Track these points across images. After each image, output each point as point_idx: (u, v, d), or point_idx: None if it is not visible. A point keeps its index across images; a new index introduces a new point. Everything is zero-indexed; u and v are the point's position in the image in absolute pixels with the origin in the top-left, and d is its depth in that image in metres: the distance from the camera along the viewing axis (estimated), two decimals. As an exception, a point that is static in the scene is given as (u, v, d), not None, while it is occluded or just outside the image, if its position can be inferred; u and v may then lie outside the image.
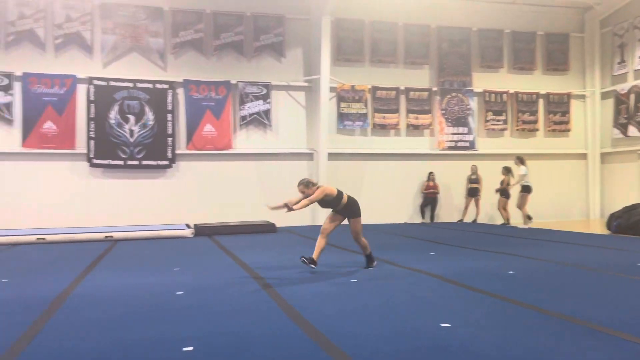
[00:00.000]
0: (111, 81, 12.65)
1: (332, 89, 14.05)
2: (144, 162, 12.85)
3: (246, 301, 4.94)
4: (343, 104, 14.32)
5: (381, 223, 13.66)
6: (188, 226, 11.89)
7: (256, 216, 12.74)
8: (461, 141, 15.13)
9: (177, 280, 6.13)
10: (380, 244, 8.81)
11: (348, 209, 6.63)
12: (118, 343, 3.66)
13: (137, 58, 13.01)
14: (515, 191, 13.15)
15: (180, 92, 13.24)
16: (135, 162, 12.78)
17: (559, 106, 15.82)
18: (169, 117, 13.06)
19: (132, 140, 12.76)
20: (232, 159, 13.63)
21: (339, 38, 14.29)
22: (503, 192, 13.54)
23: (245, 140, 13.75)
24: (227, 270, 6.88)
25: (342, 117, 14.33)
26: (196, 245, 9.90)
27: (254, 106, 13.69)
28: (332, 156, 13.88)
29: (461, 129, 15.13)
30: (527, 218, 12.64)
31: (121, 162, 12.69)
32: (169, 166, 13.07)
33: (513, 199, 13.26)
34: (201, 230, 11.67)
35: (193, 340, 3.67)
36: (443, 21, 15.01)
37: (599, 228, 12.37)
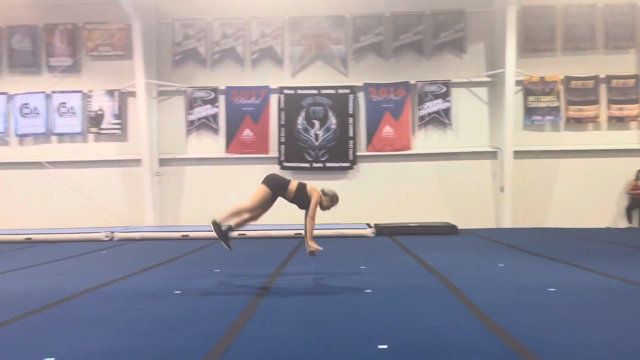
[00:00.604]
0: (298, 89, 13.59)
1: (518, 83, 13.17)
2: (328, 164, 13.54)
3: (434, 303, 4.87)
4: (531, 98, 13.32)
5: (578, 227, 12.39)
6: (369, 226, 12.18)
7: (436, 217, 12.53)
8: (679, 133, 12.98)
9: (365, 278, 6.31)
10: (578, 250, 7.98)
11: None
12: (319, 336, 3.88)
13: (321, 66, 13.76)
14: None
15: (360, 96, 13.66)
16: (320, 164, 13.54)
17: None
18: (350, 121, 13.56)
19: (317, 143, 13.53)
20: (411, 160, 13.61)
21: (526, 27, 13.34)
22: None
23: (424, 140, 13.63)
24: (412, 270, 6.88)
25: (530, 112, 13.34)
26: (378, 244, 10.09)
27: (433, 105, 13.49)
28: (518, 154, 13.00)
29: (679, 120, 12.98)
30: None
31: (308, 165, 13.56)
32: (350, 167, 13.56)
33: None
34: (382, 230, 11.87)
35: (386, 338, 3.73)
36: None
37: None
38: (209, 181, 13.75)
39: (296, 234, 11.59)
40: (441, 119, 13.51)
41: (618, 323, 4.13)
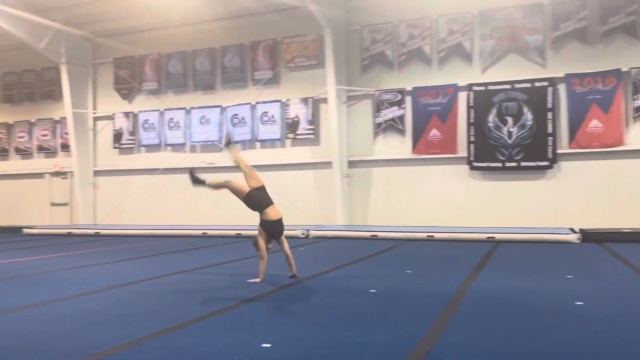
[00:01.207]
0: (489, 85, 12.92)
1: None
2: (523, 164, 12.61)
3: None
4: None
5: None
6: (573, 231, 11.04)
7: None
8: None
9: (573, 288, 5.70)
10: None
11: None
12: (522, 345, 3.61)
13: (515, 59, 12.88)
14: None
15: (561, 88, 12.45)
16: (513, 164, 12.68)
17: None
18: (549, 116, 12.43)
19: (511, 141, 12.70)
20: (625, 157, 11.96)
21: None
22: None
23: (641, 134, 11.88)
24: (630, 281, 6.02)
25: None
26: (585, 252, 9.06)
27: (652, 94, 11.67)
28: None
29: None
30: None
31: (499, 164, 12.80)
32: (550, 167, 12.43)
33: None
34: (589, 235, 10.65)
35: (607, 353, 3.31)
36: None
37: None
38: (396, 182, 13.87)
39: (488, 238, 11.04)
40: (663, 110, 11.62)
41: None
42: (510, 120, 12.74)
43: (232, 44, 15.49)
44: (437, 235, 11.51)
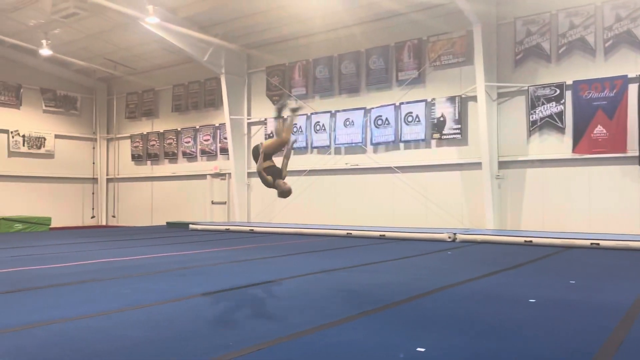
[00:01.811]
0: (668, 74, 11.31)
1: None
2: None
3: None
4: None
5: None
6: None
7: None
8: None
9: None
10: None
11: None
12: None
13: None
14: None
15: None
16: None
17: None
18: None
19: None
20: None
21: None
22: None
23: None
24: None
25: None
26: None
27: None
28: None
29: None
30: None
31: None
32: None
33: None
34: None
35: None
36: None
37: None
38: (553, 184, 12.79)
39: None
40: None
41: None
42: (696, 113, 11.02)
43: (377, 46, 15.57)
44: (604, 243, 10.35)
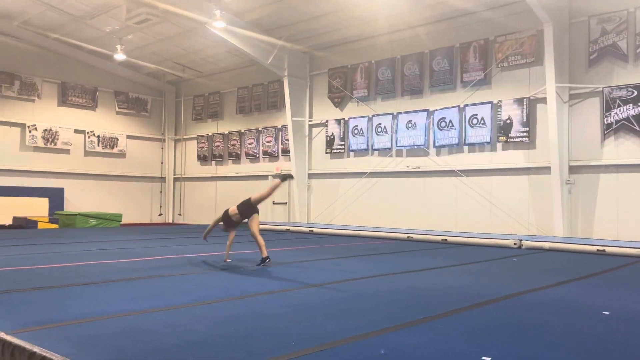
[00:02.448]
0: None
1: None
2: None
3: None
4: None
5: None
6: None
7: None
8: None
9: None
10: None
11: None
12: None
13: None
14: None
15: None
16: None
17: None
18: None
19: None
20: None
21: None
22: None
23: None
24: None
25: None
26: None
27: None
28: None
29: None
30: None
31: None
32: None
33: None
34: None
35: None
36: None
37: None
38: (629, 191, 12.07)
39: None
40: None
41: None
42: None
43: (441, 47, 15.29)
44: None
